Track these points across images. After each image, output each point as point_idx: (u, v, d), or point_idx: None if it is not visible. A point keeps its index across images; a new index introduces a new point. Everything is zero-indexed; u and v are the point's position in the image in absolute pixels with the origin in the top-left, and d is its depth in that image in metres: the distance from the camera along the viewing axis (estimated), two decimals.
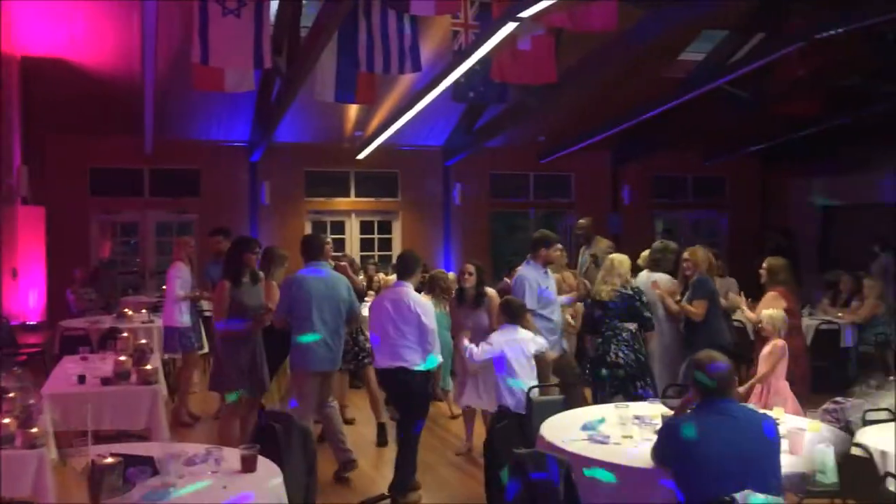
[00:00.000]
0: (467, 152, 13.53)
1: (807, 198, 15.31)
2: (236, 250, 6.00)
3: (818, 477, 3.58)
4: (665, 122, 12.60)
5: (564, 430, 4.16)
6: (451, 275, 7.97)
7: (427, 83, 9.34)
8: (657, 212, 15.94)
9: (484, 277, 6.56)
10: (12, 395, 6.55)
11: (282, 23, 9.01)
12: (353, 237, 14.24)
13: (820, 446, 3.69)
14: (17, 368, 8.45)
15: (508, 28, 7.04)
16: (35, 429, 5.54)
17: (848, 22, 8.27)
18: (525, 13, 6.60)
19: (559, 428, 4.24)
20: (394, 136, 11.90)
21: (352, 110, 12.26)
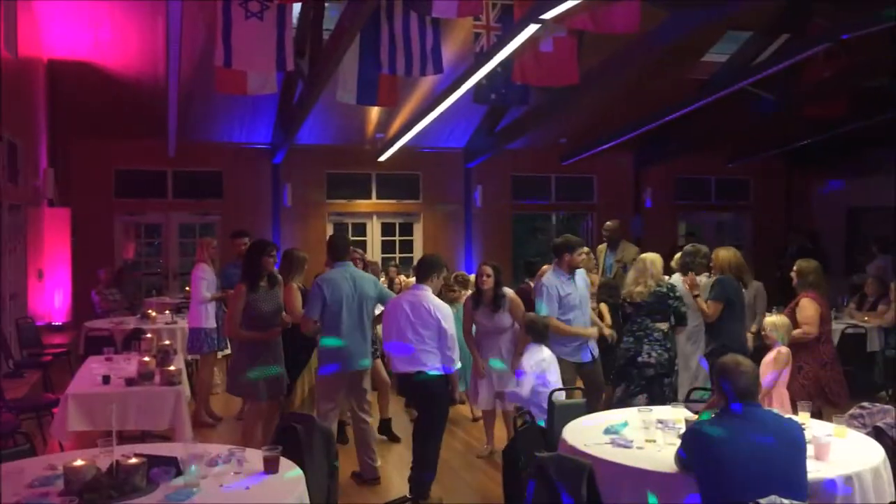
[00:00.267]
0: (489, 154, 13.52)
1: (832, 200, 15.15)
2: (253, 254, 5.95)
3: None
4: (688, 124, 12.53)
5: (587, 434, 4.13)
6: (473, 277, 7.95)
7: (449, 85, 9.34)
8: (680, 214, 15.85)
9: (501, 278, 6.47)
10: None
11: (304, 25, 9.07)
12: (375, 239, 14.28)
13: None
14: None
15: (530, 30, 7.01)
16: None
17: (873, 23, 8.17)
18: (547, 15, 6.57)
19: (581, 431, 4.21)
20: (415, 138, 11.92)
21: (373, 112, 12.30)
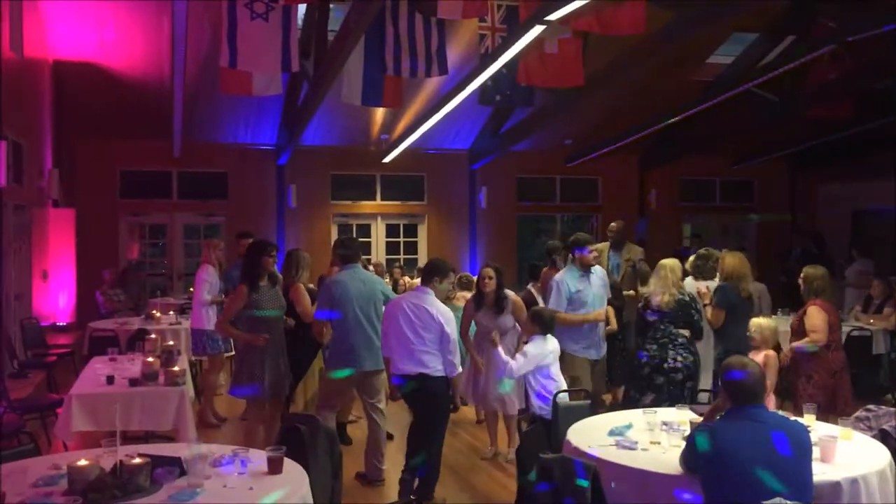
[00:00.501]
0: (494, 156, 13.52)
1: (836, 202, 15.11)
2: (253, 254, 5.89)
3: None
4: (693, 126, 12.51)
5: (591, 435, 4.12)
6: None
7: (454, 87, 9.34)
8: (685, 216, 15.82)
9: (503, 280, 6.46)
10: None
11: (309, 26, 9.07)
12: (379, 240, 14.28)
13: None
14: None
15: (535, 31, 7.01)
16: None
17: (878, 25, 8.15)
18: (552, 16, 6.57)
19: (586, 433, 4.20)
20: (420, 140, 11.92)
21: (378, 114, 12.30)
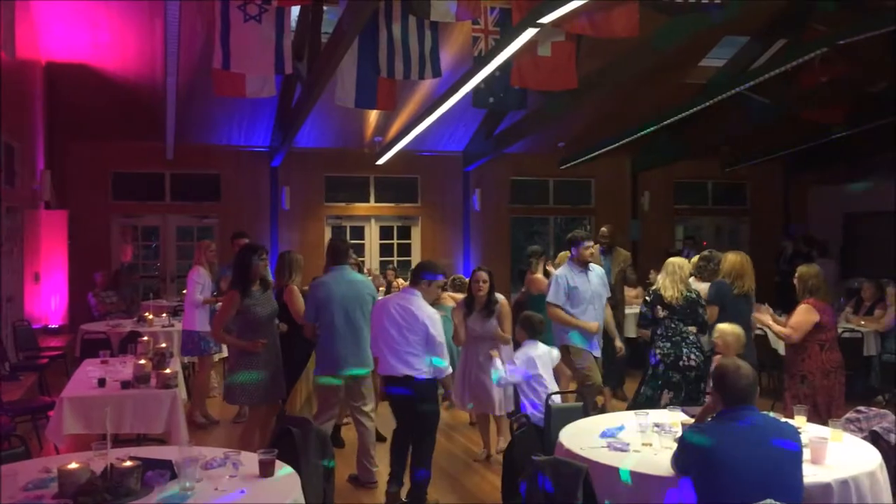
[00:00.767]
0: (487, 158, 13.53)
1: (828, 204, 15.17)
2: (244, 259, 5.81)
3: None
4: (686, 128, 12.54)
5: (583, 438, 4.13)
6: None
7: (447, 89, 9.34)
8: (678, 218, 15.86)
9: (494, 283, 6.49)
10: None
11: (303, 28, 9.08)
12: (373, 242, 14.27)
13: None
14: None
15: (528, 34, 7.01)
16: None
17: (869, 28, 8.19)
18: (545, 19, 6.56)
19: (578, 435, 4.21)
20: (414, 142, 11.92)
21: (372, 116, 12.31)
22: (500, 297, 6.48)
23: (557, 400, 5.30)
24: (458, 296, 7.54)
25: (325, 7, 8.86)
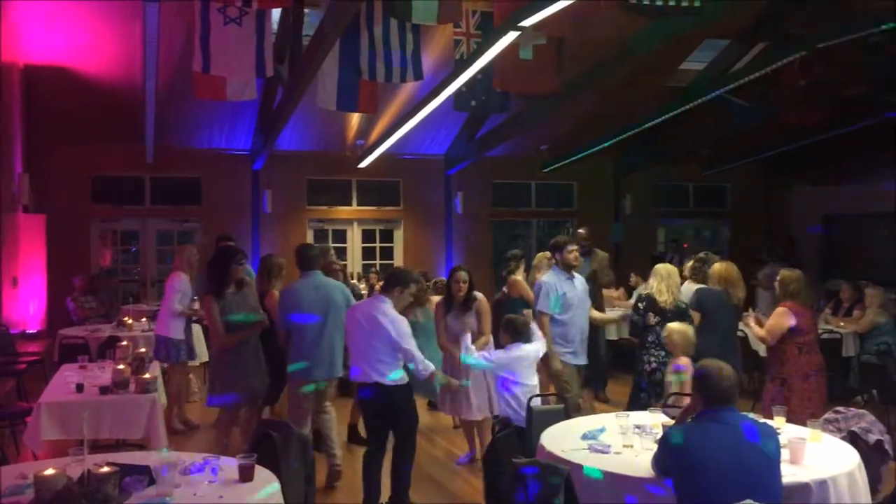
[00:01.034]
0: (469, 161, 13.54)
1: (808, 207, 15.29)
2: (222, 263, 5.81)
3: None
4: (667, 131, 12.60)
5: (565, 440, 4.13)
6: None
7: (429, 92, 9.34)
8: (659, 221, 15.93)
9: (473, 282, 6.47)
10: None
11: (284, 31, 9.04)
12: (355, 246, 14.24)
13: None
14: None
15: (510, 37, 7.02)
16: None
17: (847, 32, 8.28)
18: (526, 22, 6.58)
19: (559, 437, 4.21)
20: (396, 145, 11.91)
21: (354, 119, 12.28)
22: (479, 295, 6.47)
23: (539, 402, 5.31)
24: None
25: (307, 10, 8.84)
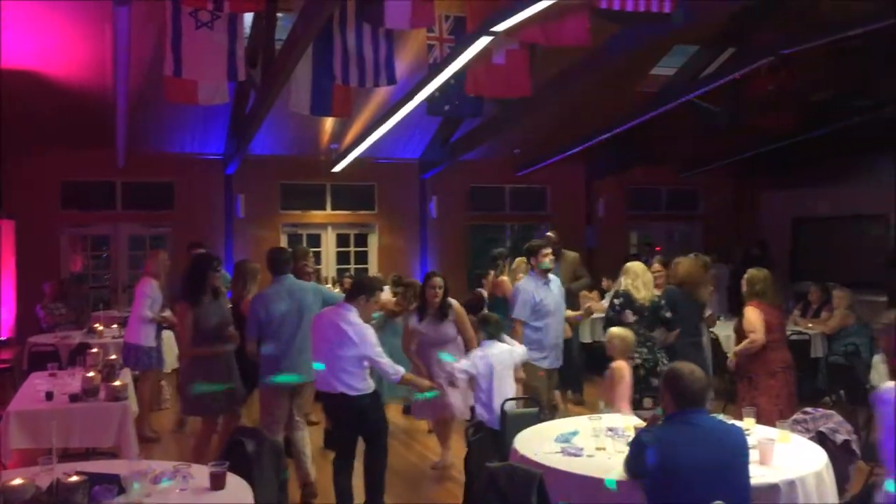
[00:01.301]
0: (443, 165, 13.56)
1: (777, 210, 15.51)
2: (198, 269, 5.76)
3: None
4: (639, 136, 12.71)
5: (538, 443, 4.15)
6: None
7: (402, 96, 9.35)
8: (632, 224, 16.06)
9: (448, 287, 6.49)
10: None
11: (256, 35, 9.00)
12: (329, 250, 14.19)
13: None
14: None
15: (482, 42, 7.05)
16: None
17: (812, 38, 8.42)
18: (498, 27, 6.62)
19: (532, 440, 4.23)
20: (370, 149, 11.89)
21: (328, 123, 12.24)
22: (453, 302, 6.49)
23: (513, 406, 5.33)
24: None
25: (279, 14, 8.81)
